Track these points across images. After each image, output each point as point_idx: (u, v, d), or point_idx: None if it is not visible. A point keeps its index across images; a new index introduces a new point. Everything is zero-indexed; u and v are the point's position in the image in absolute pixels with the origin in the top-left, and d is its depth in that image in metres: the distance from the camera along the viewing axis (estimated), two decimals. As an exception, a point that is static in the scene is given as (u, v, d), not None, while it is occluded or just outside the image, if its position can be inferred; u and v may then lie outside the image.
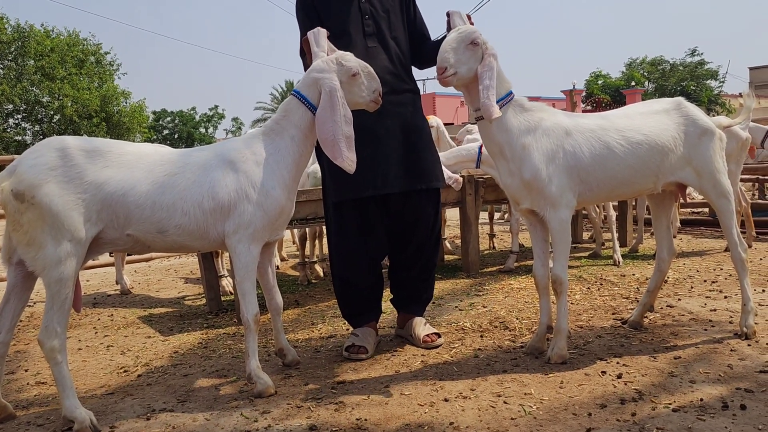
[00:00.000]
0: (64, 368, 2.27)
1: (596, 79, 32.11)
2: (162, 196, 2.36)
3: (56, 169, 2.25)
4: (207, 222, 2.43)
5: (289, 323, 3.82)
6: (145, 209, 2.35)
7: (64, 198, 2.23)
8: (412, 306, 3.24)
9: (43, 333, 2.25)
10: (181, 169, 2.43)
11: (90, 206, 2.28)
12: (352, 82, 2.56)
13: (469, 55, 2.59)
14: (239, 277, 2.51)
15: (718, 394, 2.29)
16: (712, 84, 32.59)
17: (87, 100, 23.66)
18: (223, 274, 4.79)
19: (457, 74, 2.60)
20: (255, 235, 2.48)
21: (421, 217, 3.09)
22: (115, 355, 3.36)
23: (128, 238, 2.40)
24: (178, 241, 2.45)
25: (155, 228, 2.38)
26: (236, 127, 48.68)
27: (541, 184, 2.62)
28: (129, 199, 2.33)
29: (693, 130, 2.85)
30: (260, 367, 2.57)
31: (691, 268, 4.82)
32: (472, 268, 5.06)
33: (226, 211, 2.44)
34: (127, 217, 2.35)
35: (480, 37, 2.60)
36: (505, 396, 2.40)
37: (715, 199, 2.91)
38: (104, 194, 2.30)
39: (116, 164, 2.36)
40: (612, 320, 3.42)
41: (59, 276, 2.23)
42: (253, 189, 2.45)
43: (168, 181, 2.38)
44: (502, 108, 2.64)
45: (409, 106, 3.05)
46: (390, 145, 2.95)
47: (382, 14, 3.01)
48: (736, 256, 2.98)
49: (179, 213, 2.38)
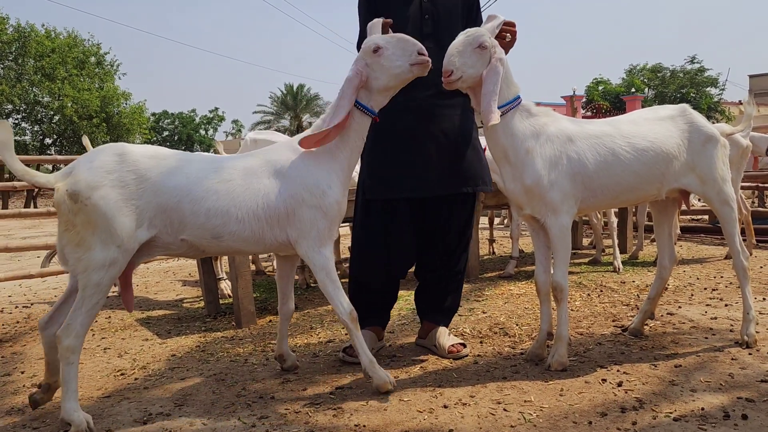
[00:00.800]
0: (73, 369, 2.27)
1: (597, 85, 32.16)
2: (217, 203, 2.36)
3: (113, 173, 2.27)
4: (262, 229, 2.43)
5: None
6: (200, 216, 2.35)
7: (118, 202, 2.24)
8: (436, 315, 3.17)
9: (64, 330, 2.26)
10: (235, 176, 2.42)
11: (143, 212, 2.29)
12: (378, 59, 2.48)
13: (475, 59, 2.56)
14: (320, 281, 2.51)
15: (720, 404, 2.27)
16: (712, 91, 32.64)
17: (87, 101, 23.64)
18: (221, 277, 4.77)
19: (462, 78, 2.56)
20: (321, 238, 2.47)
21: (453, 221, 3.04)
22: (112, 357, 3.34)
23: (182, 243, 2.40)
24: (233, 246, 2.45)
25: (210, 234, 2.38)
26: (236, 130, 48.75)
27: (543, 190, 2.61)
28: (184, 206, 2.33)
29: (697, 137, 2.84)
30: (374, 361, 2.53)
31: (691, 276, 4.81)
32: (471, 274, 5.04)
33: (284, 218, 2.43)
34: (181, 223, 2.35)
35: (488, 41, 2.56)
36: (504, 403, 2.38)
37: (718, 206, 2.90)
38: (159, 201, 2.31)
39: (172, 171, 2.36)
40: (612, 327, 3.40)
41: (98, 281, 2.24)
42: (309, 193, 2.44)
43: (222, 188, 2.38)
44: (509, 112, 2.63)
45: (457, 109, 2.96)
46: (430, 148, 2.88)
47: (443, 15, 2.93)
48: (738, 264, 2.96)
49: (234, 220, 2.38)
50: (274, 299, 4.69)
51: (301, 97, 43.09)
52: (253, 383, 2.76)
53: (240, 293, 3.83)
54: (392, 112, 2.76)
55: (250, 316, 3.88)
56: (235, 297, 3.86)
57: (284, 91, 43.21)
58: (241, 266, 3.84)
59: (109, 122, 25.02)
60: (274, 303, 4.54)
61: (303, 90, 43.26)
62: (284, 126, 42.22)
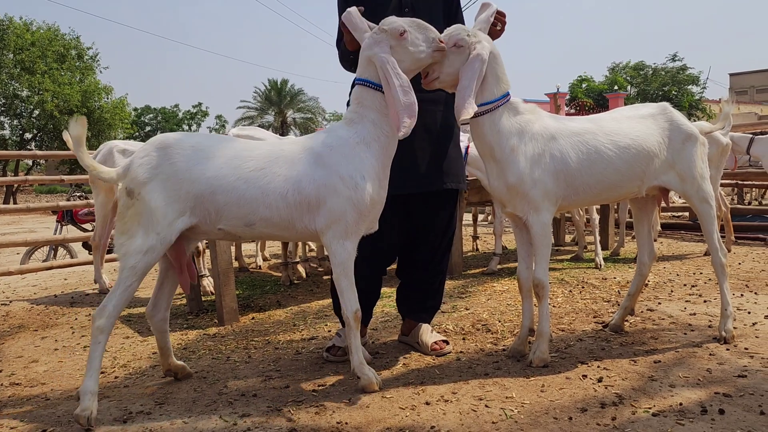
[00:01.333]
0: (98, 349, 2.37)
1: (580, 82, 32.38)
2: (247, 191, 2.39)
3: (158, 167, 2.38)
4: (292, 215, 2.43)
5: (271, 324, 3.79)
6: (232, 206, 2.40)
7: (163, 194, 2.36)
8: (419, 312, 3.17)
9: (99, 311, 2.39)
10: (269, 163, 2.43)
11: (185, 202, 2.39)
12: (403, 42, 2.45)
13: (453, 58, 2.57)
14: (335, 274, 2.50)
15: (697, 399, 2.30)
16: (693, 89, 33.01)
17: (68, 95, 23.31)
18: (204, 274, 4.74)
19: (440, 78, 2.60)
20: (348, 230, 2.45)
21: (437, 219, 3.05)
22: (93, 355, 3.30)
23: (220, 232, 2.49)
24: (266, 232, 2.50)
25: (242, 222, 2.44)
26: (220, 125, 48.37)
27: (525, 188, 2.62)
28: (218, 197, 2.39)
29: (677, 135, 2.87)
30: (364, 362, 2.53)
31: (671, 272, 4.87)
32: (455, 270, 5.06)
33: (315, 206, 2.43)
34: (218, 213, 2.42)
35: (465, 39, 2.56)
36: (486, 399, 2.39)
37: (697, 203, 2.93)
38: (196, 191, 2.39)
39: (210, 159, 2.41)
40: (593, 323, 3.43)
41: (134, 265, 2.34)
42: (342, 182, 2.42)
43: (253, 176, 2.40)
44: (497, 109, 2.63)
45: (440, 104, 2.96)
46: (413, 144, 2.87)
47: (423, 8, 2.92)
48: (717, 261, 3.00)
49: (263, 206, 2.40)
50: (256, 296, 4.67)
51: (285, 93, 42.89)
52: (234, 381, 2.75)
53: (222, 290, 3.81)
54: None
55: (233, 314, 3.86)
56: (218, 294, 3.84)
57: (268, 87, 42.98)
58: (223, 263, 3.81)
59: (90, 117, 24.69)
60: (257, 300, 4.53)
61: (287, 85, 43.07)
62: (268, 122, 42.00)
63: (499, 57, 2.65)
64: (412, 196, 2.94)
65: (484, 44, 2.58)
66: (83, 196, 8.24)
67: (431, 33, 2.51)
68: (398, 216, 2.96)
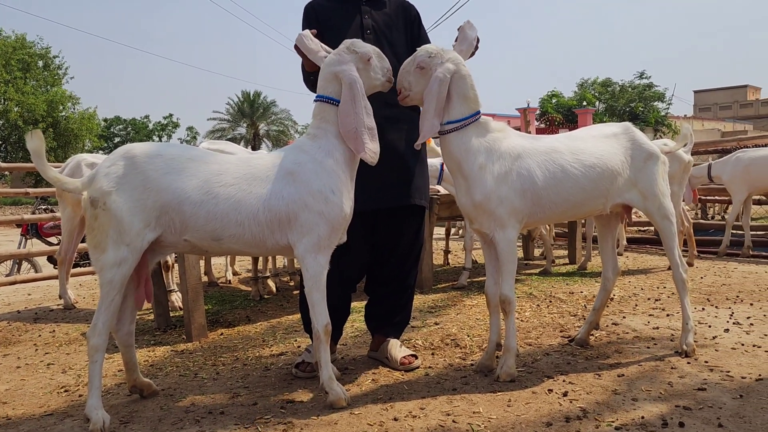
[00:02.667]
0: (97, 368, 2.38)
1: (551, 98, 32.92)
2: (216, 206, 2.38)
3: (124, 177, 2.36)
4: (263, 233, 2.44)
5: (240, 340, 3.76)
6: (200, 218, 2.39)
7: (128, 204, 2.34)
8: (387, 328, 3.18)
9: (90, 330, 2.39)
10: (239, 179, 2.43)
11: (150, 212, 2.36)
12: (368, 67, 2.58)
13: (418, 77, 2.67)
14: (307, 287, 2.50)
15: (659, 412, 2.36)
16: (659, 106, 33.81)
17: (33, 105, 22.88)
18: (172, 289, 4.68)
19: (410, 96, 2.70)
20: (321, 244, 2.47)
21: (404, 234, 3.07)
22: (56, 373, 3.24)
23: (186, 243, 2.47)
24: (234, 248, 2.50)
25: (210, 236, 2.42)
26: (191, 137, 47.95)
27: (491, 205, 2.66)
28: (184, 207, 2.38)
29: (639, 154, 2.96)
30: (333, 378, 2.53)
31: (636, 286, 4.97)
32: (425, 285, 5.09)
33: (285, 222, 2.44)
34: (183, 224, 2.40)
35: (426, 61, 2.65)
36: (454, 415, 2.41)
37: (659, 220, 3.01)
38: (163, 201, 2.37)
39: (177, 171, 2.40)
40: (560, 338, 3.49)
41: (110, 279, 2.34)
42: (313, 197, 2.44)
43: (223, 192, 2.40)
44: (466, 127, 2.69)
45: (405, 122, 3.01)
46: (380, 160, 2.93)
47: (385, 30, 3.00)
48: (678, 276, 3.08)
49: (233, 223, 2.40)
50: (226, 311, 4.63)
51: (257, 105, 42.71)
52: (202, 398, 2.72)
53: (190, 306, 3.77)
54: None
55: (201, 329, 3.83)
56: (186, 309, 3.80)
57: (241, 99, 42.75)
58: (191, 278, 3.78)
59: (56, 127, 24.26)
60: (226, 315, 4.49)
61: (260, 97, 42.90)
62: (240, 134, 41.74)
63: (468, 77, 2.71)
64: (379, 212, 2.97)
65: (446, 66, 2.65)
66: (49, 209, 8.08)
67: (386, 63, 2.65)
68: (365, 232, 2.99)
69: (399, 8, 3.10)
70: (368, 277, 3.22)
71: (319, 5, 3.02)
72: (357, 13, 3.00)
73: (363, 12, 3.00)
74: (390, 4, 3.09)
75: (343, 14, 2.99)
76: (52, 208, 7.61)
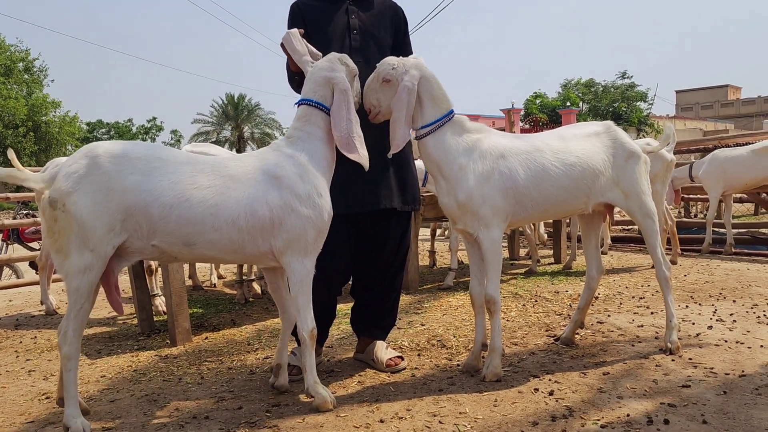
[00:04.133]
0: (71, 376, 2.30)
1: (535, 99, 33.10)
2: (189, 210, 2.26)
3: (86, 177, 2.23)
4: (243, 239, 2.35)
5: (225, 344, 3.73)
6: (170, 222, 2.26)
7: (90, 207, 2.21)
8: (373, 330, 3.17)
9: (60, 338, 2.31)
10: (214, 182, 2.33)
11: (114, 215, 2.23)
12: (353, 83, 2.64)
13: (386, 91, 2.70)
14: (294, 291, 2.47)
15: (644, 410, 2.37)
16: (641, 105, 34.11)
17: (13, 109, 22.57)
18: (156, 293, 4.64)
19: (381, 112, 2.74)
20: (308, 248, 2.44)
21: (390, 238, 3.06)
22: (38, 380, 3.19)
23: (154, 249, 2.33)
24: (208, 254, 2.39)
25: (182, 241, 2.30)
26: (175, 140, 47.61)
27: (475, 205, 2.66)
28: (152, 210, 2.24)
29: (621, 153, 2.97)
30: (318, 381, 2.51)
31: (620, 285, 5.00)
32: (411, 286, 5.08)
33: (269, 228, 2.38)
34: (150, 228, 2.27)
35: (391, 73, 2.67)
36: (440, 416, 2.41)
37: (641, 219, 3.03)
38: (128, 203, 2.24)
39: (144, 171, 2.27)
40: (545, 337, 3.49)
41: (77, 286, 2.25)
42: (300, 202, 2.40)
43: (197, 195, 2.28)
44: (441, 128, 2.69)
45: (387, 125, 2.93)
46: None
47: (372, 30, 2.99)
48: (661, 275, 3.10)
49: (209, 229, 2.29)
50: (211, 315, 4.60)
51: (242, 107, 42.50)
52: (186, 403, 2.69)
53: (174, 310, 3.74)
54: None
55: (185, 334, 3.79)
56: (170, 314, 3.76)
57: (225, 101, 42.51)
58: (175, 282, 3.74)
59: (37, 132, 23.97)
60: (210, 319, 4.45)
61: (244, 100, 42.69)
62: (225, 136, 41.51)
63: (433, 78, 2.73)
64: (364, 215, 2.95)
65: (411, 73, 2.68)
66: (30, 213, 7.97)
67: (359, 86, 2.73)
68: (351, 235, 2.97)
69: (387, 9, 3.08)
70: (354, 280, 3.20)
71: (305, 5, 2.98)
72: (344, 13, 2.97)
73: (350, 12, 2.98)
74: (377, 4, 3.07)
75: (329, 14, 2.97)
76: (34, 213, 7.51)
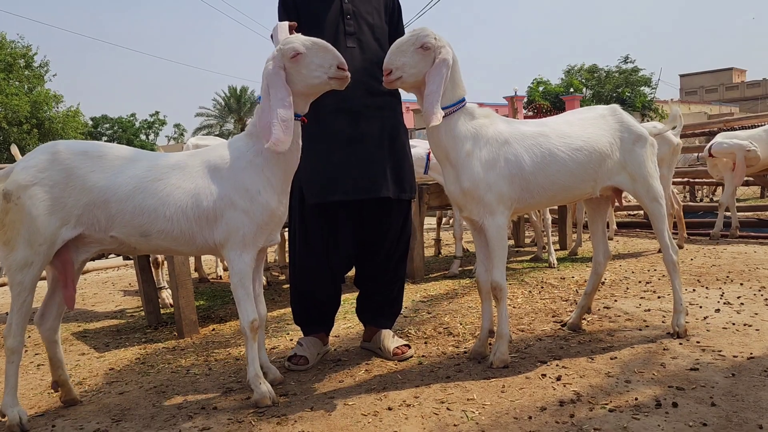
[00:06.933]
0: (13, 367, 2.37)
1: (537, 85, 32.94)
2: (144, 201, 2.35)
3: (44, 172, 2.29)
4: (192, 229, 2.41)
5: (231, 335, 3.74)
6: (126, 213, 2.34)
7: (45, 202, 2.27)
8: (380, 319, 3.16)
9: (6, 331, 2.37)
10: (166, 174, 2.40)
11: (71, 210, 2.31)
12: (296, 65, 2.38)
13: (418, 59, 2.54)
14: (233, 284, 2.48)
15: (652, 393, 2.36)
16: (645, 90, 33.91)
17: (16, 106, 22.58)
18: (162, 286, 4.65)
19: (402, 78, 2.56)
20: (245, 241, 2.43)
21: (391, 226, 3.04)
22: (46, 374, 3.20)
23: (113, 240, 2.41)
24: (163, 245, 2.45)
25: (138, 231, 2.38)
26: (178, 134, 47.66)
27: (480, 192, 2.64)
28: (111, 204, 2.33)
29: (627, 136, 2.94)
30: (259, 375, 2.50)
31: (626, 270, 4.98)
32: (417, 275, 5.08)
33: (212, 219, 2.41)
34: (109, 220, 2.36)
35: (432, 42, 2.54)
36: (448, 402, 2.40)
37: (648, 202, 3.01)
38: (87, 199, 2.32)
39: (102, 169, 2.36)
40: (552, 323, 3.49)
41: (21, 280, 2.30)
42: (238, 195, 2.41)
43: (151, 187, 2.36)
44: (453, 114, 2.64)
45: (387, 110, 2.96)
46: (364, 149, 2.86)
47: (365, 16, 2.94)
48: (668, 258, 3.08)
49: (162, 218, 2.36)
50: (217, 307, 4.61)
51: (245, 100, 42.46)
52: (195, 394, 2.70)
53: (181, 302, 3.74)
54: (326, 113, 2.77)
55: (192, 326, 3.80)
56: (177, 306, 3.77)
57: (227, 94, 42.48)
58: (182, 274, 3.75)
59: (40, 128, 24.00)
60: (217, 311, 4.47)
61: (246, 92, 42.65)
62: (228, 129, 41.52)
63: (457, 63, 2.67)
64: (365, 203, 2.93)
65: (448, 49, 2.59)
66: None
67: (333, 60, 2.39)
68: (353, 223, 2.96)
69: None
70: (357, 269, 3.20)
71: None
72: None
73: None
74: None
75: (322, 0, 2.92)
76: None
